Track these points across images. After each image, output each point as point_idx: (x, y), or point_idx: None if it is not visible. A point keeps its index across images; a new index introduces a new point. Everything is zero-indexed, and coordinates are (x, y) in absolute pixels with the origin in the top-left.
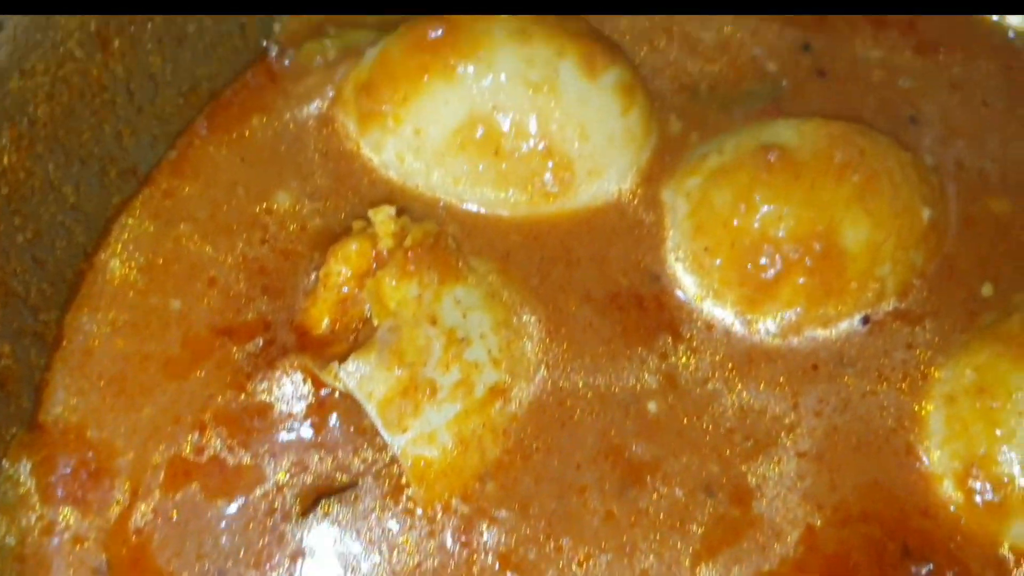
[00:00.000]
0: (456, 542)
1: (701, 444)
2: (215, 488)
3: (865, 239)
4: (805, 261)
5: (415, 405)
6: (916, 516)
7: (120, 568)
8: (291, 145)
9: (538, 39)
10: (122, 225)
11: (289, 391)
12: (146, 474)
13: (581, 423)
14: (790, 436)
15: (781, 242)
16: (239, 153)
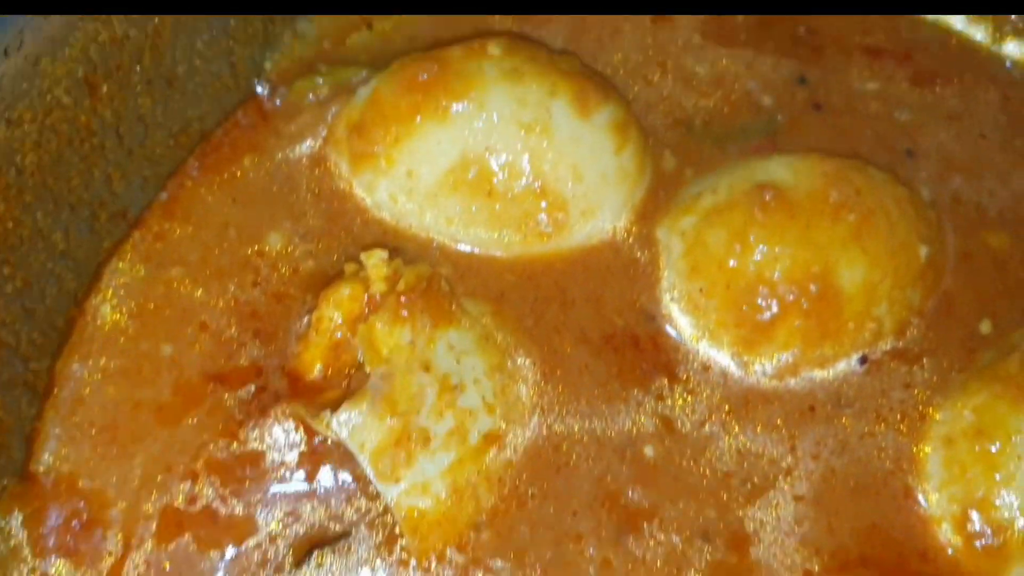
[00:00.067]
0: None
1: (698, 489)
2: (208, 539)
3: (862, 279)
4: (801, 303)
5: (408, 455)
6: (915, 560)
7: None
8: (283, 185)
9: (530, 78)
10: (113, 270)
11: (281, 439)
12: (138, 524)
13: (577, 469)
14: (787, 480)
15: (777, 284)
16: (230, 194)
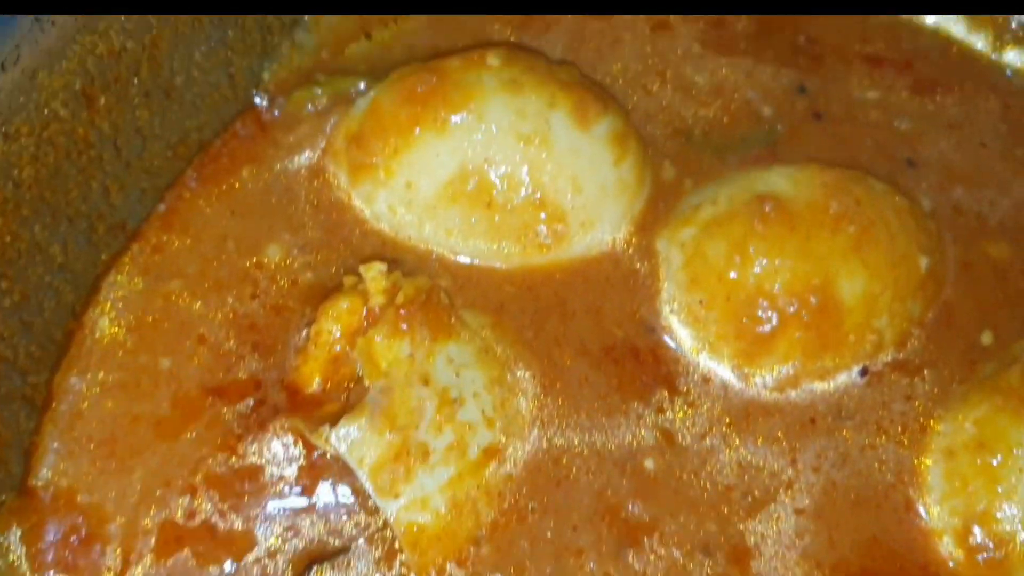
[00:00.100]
0: None
1: (699, 502)
2: (207, 554)
3: (862, 291)
4: (802, 315)
5: (407, 470)
6: (916, 573)
7: None
8: (282, 196)
9: (529, 89)
10: (111, 283)
11: (280, 453)
12: (137, 539)
13: (577, 482)
14: (788, 493)
15: (777, 296)
16: (229, 206)
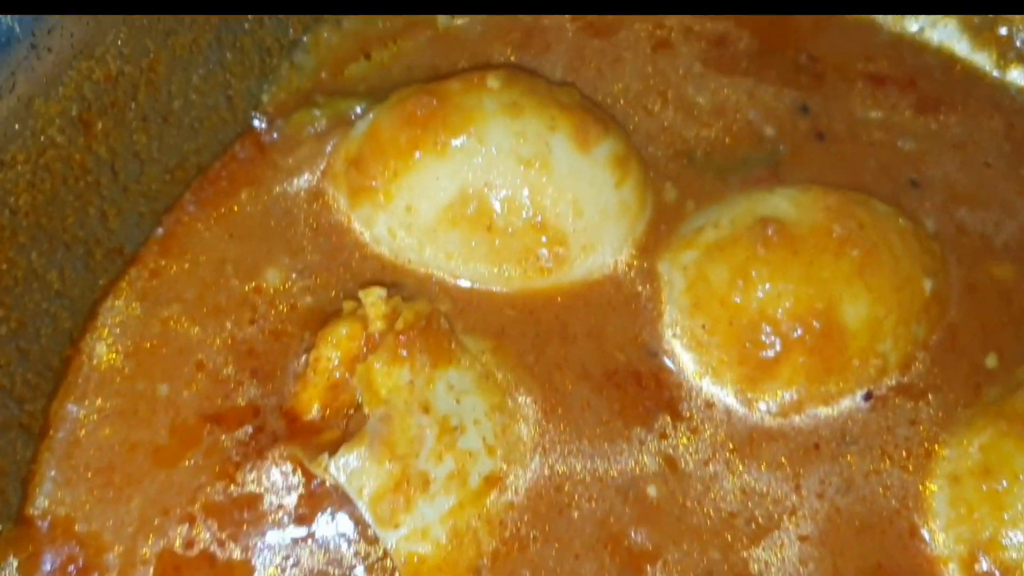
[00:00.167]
0: None
1: (702, 529)
2: None
3: (866, 315)
4: (805, 340)
5: (407, 500)
6: None
7: None
8: (281, 220)
9: (529, 112)
10: (108, 308)
11: (279, 482)
12: (135, 569)
13: (579, 510)
14: (792, 519)
15: (780, 321)
16: (228, 229)
